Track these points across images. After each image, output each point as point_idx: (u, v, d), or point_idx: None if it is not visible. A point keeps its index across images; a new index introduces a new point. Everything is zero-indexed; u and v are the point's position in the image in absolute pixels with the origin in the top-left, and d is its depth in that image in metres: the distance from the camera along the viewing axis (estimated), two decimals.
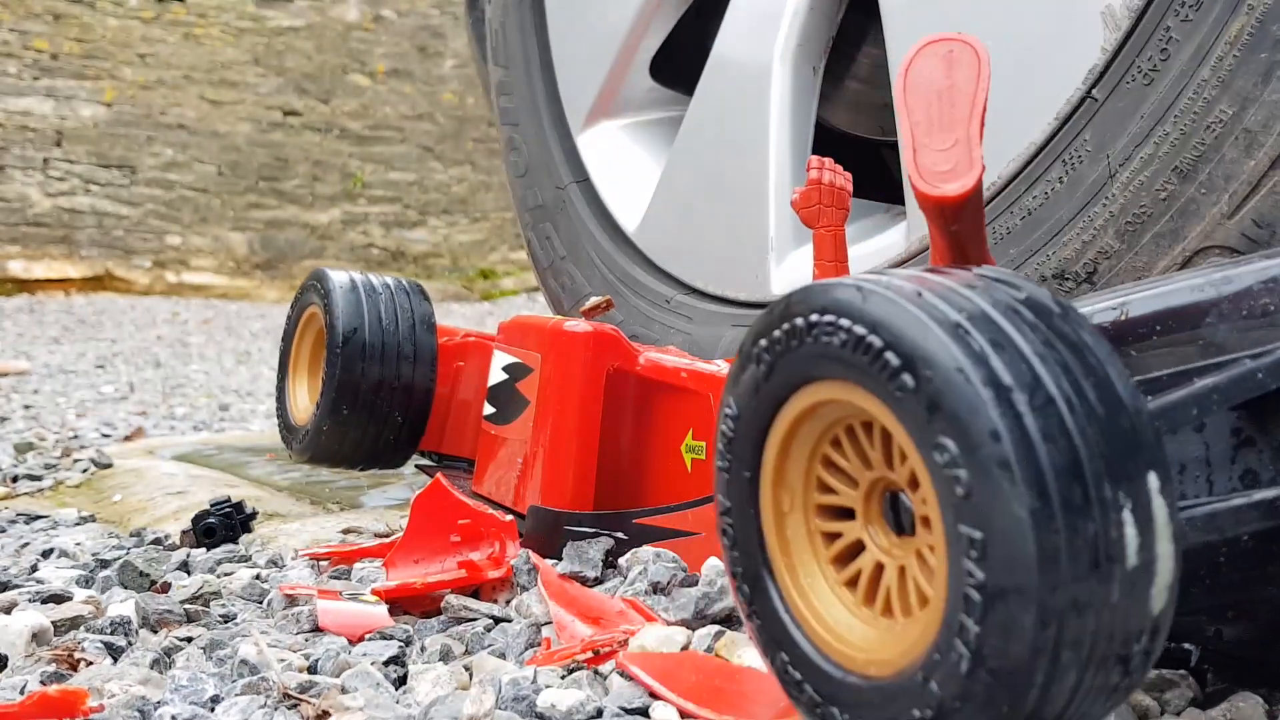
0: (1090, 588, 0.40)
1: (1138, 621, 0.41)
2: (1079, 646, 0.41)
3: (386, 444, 1.18)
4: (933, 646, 0.43)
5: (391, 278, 1.23)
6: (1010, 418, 0.40)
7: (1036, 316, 0.44)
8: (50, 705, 0.60)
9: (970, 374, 0.41)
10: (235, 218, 6.00)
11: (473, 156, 6.50)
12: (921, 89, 0.63)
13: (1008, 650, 0.40)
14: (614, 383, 0.96)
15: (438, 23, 6.45)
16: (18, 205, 5.58)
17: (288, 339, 1.28)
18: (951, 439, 0.41)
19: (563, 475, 0.94)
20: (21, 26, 5.68)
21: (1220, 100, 0.79)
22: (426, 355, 1.18)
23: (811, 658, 0.50)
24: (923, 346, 0.42)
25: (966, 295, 0.44)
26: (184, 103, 5.95)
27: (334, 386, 1.13)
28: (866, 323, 0.44)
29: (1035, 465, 0.40)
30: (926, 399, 0.42)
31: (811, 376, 0.48)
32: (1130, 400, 0.42)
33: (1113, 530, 0.40)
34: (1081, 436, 0.41)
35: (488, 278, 6.46)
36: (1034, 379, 0.41)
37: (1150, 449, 0.42)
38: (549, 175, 1.45)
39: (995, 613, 0.40)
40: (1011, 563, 0.40)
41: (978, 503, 0.40)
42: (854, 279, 0.47)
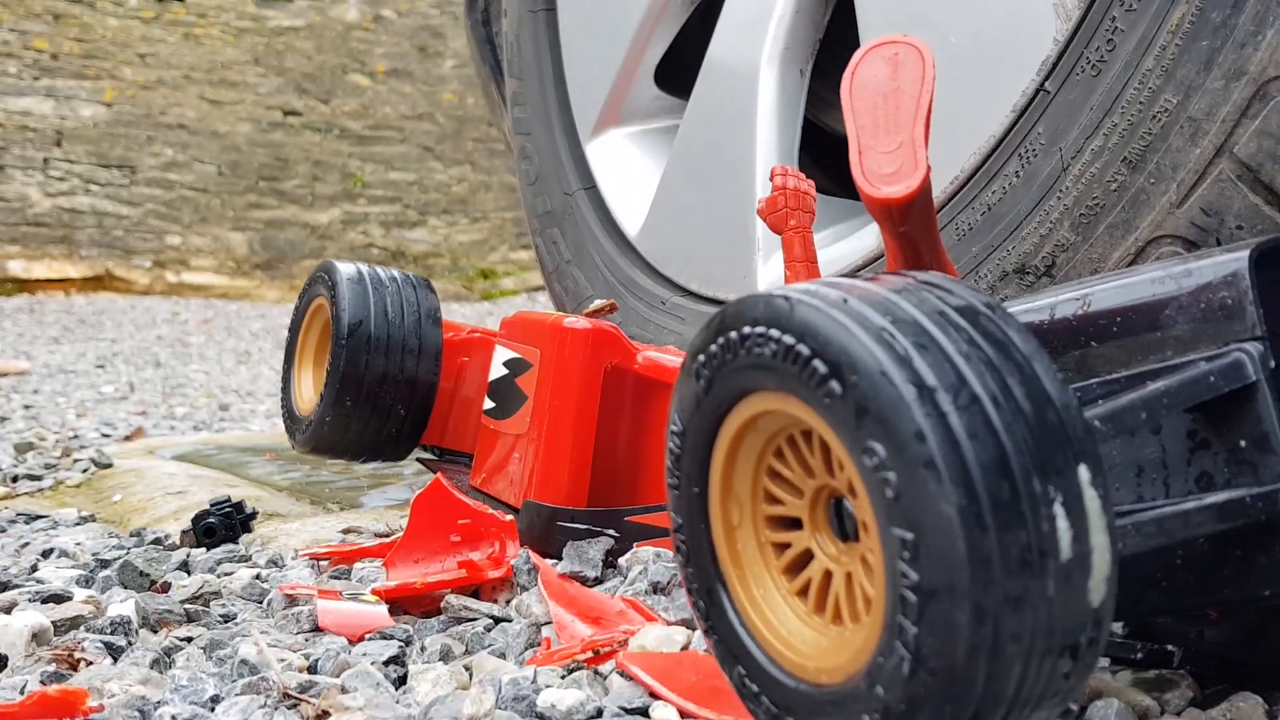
0: (1024, 583, 0.40)
1: (1078, 614, 0.41)
2: (1019, 641, 0.41)
3: (389, 437, 1.18)
4: (876, 651, 0.43)
5: (399, 271, 1.23)
6: (935, 417, 0.41)
7: (962, 317, 0.44)
8: (50, 705, 0.60)
9: (894, 376, 0.42)
10: (235, 218, 6.00)
11: (473, 156, 6.50)
12: (867, 91, 0.64)
13: (946, 650, 0.40)
14: (612, 380, 0.96)
15: (438, 23, 6.45)
16: (18, 205, 5.58)
17: (294, 330, 1.28)
18: (879, 442, 0.42)
19: (558, 471, 0.94)
20: (21, 26, 5.68)
21: (1165, 90, 0.79)
22: (431, 349, 1.18)
23: (767, 669, 0.50)
24: (847, 352, 0.43)
25: (893, 300, 0.45)
26: (184, 103, 5.95)
27: (338, 378, 1.14)
28: (794, 332, 0.45)
29: (961, 463, 0.40)
30: (854, 404, 0.42)
31: (749, 388, 0.48)
32: (1057, 395, 0.43)
33: (1044, 524, 0.40)
34: (1008, 433, 0.41)
35: (488, 278, 6.46)
36: (958, 378, 0.42)
37: (1079, 442, 0.42)
38: (558, 182, 1.47)
39: (930, 612, 0.40)
40: (943, 561, 0.40)
41: (907, 504, 0.41)
42: (782, 290, 0.47)
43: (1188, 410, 0.54)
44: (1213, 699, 0.62)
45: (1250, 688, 0.62)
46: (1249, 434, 0.52)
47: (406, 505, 1.16)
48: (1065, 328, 0.60)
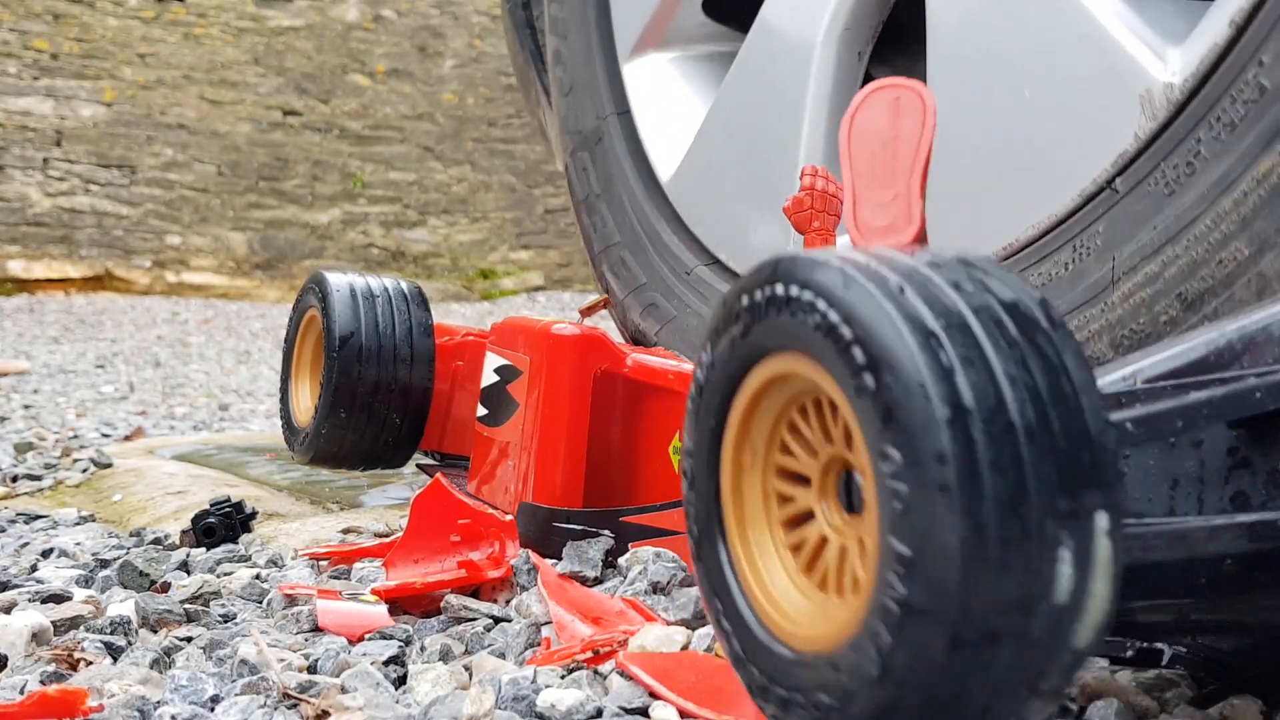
0: (1011, 621, 0.40)
1: (1059, 655, 0.41)
2: (990, 672, 0.40)
3: (385, 445, 1.19)
4: (850, 641, 0.43)
5: (391, 279, 1.23)
6: (961, 442, 0.39)
7: (1019, 330, 0.42)
8: (50, 705, 0.60)
9: (931, 391, 0.40)
10: (235, 217, 6.00)
11: (473, 156, 6.50)
12: (865, 138, 0.62)
13: (915, 668, 0.40)
14: (601, 384, 0.98)
15: (437, 23, 6.45)
16: (17, 205, 5.58)
17: (290, 341, 1.29)
18: (899, 451, 0.40)
19: (552, 473, 0.96)
20: (21, 26, 5.68)
21: (1238, 238, 0.72)
22: (424, 357, 1.19)
23: (743, 614, 0.50)
24: (890, 351, 0.41)
25: (950, 300, 0.43)
26: (184, 102, 5.95)
27: (331, 390, 1.15)
28: (841, 311, 0.43)
29: (977, 495, 0.39)
30: (883, 405, 0.41)
31: (785, 346, 0.47)
32: (1096, 434, 0.41)
33: (1046, 567, 0.40)
34: (1034, 469, 0.40)
35: (488, 278, 6.46)
36: (997, 403, 0.40)
37: (1106, 488, 0.41)
38: (592, 100, 1.33)
39: (908, 630, 0.40)
40: (933, 587, 0.39)
41: (912, 520, 0.40)
42: (844, 259, 0.45)
43: (1232, 425, 0.52)
44: (1210, 699, 0.62)
45: (1247, 689, 0.62)
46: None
47: (406, 505, 1.16)
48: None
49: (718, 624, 0.52)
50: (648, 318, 1.20)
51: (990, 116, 0.88)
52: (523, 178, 6.60)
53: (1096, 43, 0.80)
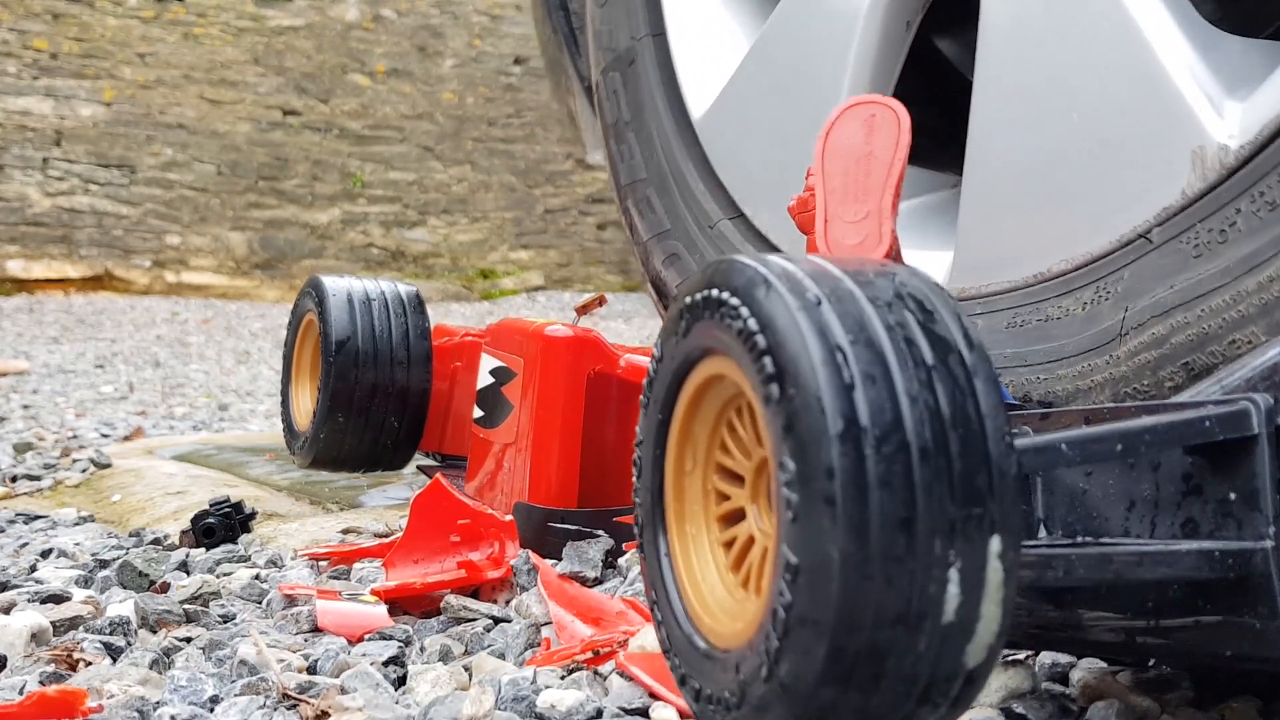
0: (893, 635, 0.40)
1: (947, 671, 0.42)
2: (874, 683, 0.41)
3: (384, 448, 1.20)
4: (749, 642, 0.45)
5: (388, 283, 1.24)
6: (851, 458, 0.40)
7: (932, 350, 0.43)
8: (49, 705, 0.60)
9: (827, 405, 0.41)
10: (235, 217, 5.99)
11: (472, 156, 6.49)
12: (840, 154, 0.62)
13: (798, 672, 0.41)
14: (595, 385, 0.98)
15: (437, 22, 6.45)
16: (17, 205, 5.58)
17: (289, 345, 1.29)
18: (794, 461, 0.41)
19: (547, 474, 0.97)
20: (21, 26, 5.68)
21: (1255, 322, 0.67)
22: (420, 360, 1.19)
23: (674, 605, 0.52)
24: (794, 364, 0.42)
25: (867, 315, 0.43)
26: (183, 102, 5.95)
27: (329, 394, 1.16)
28: (759, 319, 0.44)
29: (862, 510, 0.40)
30: (785, 415, 0.42)
31: (717, 349, 0.48)
32: (997, 458, 0.42)
33: (932, 586, 0.40)
34: (925, 489, 0.40)
35: (488, 277, 6.46)
36: (894, 422, 0.41)
37: (1003, 511, 0.41)
38: (627, 15, 1.20)
39: (792, 635, 0.41)
40: (814, 597, 0.40)
41: (799, 530, 0.41)
42: (770, 268, 0.46)
43: (1189, 452, 0.53)
44: (1209, 700, 0.62)
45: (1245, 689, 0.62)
46: (1240, 487, 0.51)
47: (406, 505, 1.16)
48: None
49: (653, 611, 0.53)
50: (670, 268, 1.11)
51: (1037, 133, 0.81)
52: (523, 177, 6.60)
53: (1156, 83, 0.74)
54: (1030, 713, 0.61)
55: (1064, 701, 0.62)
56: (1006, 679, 0.63)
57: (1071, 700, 0.63)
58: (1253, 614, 0.50)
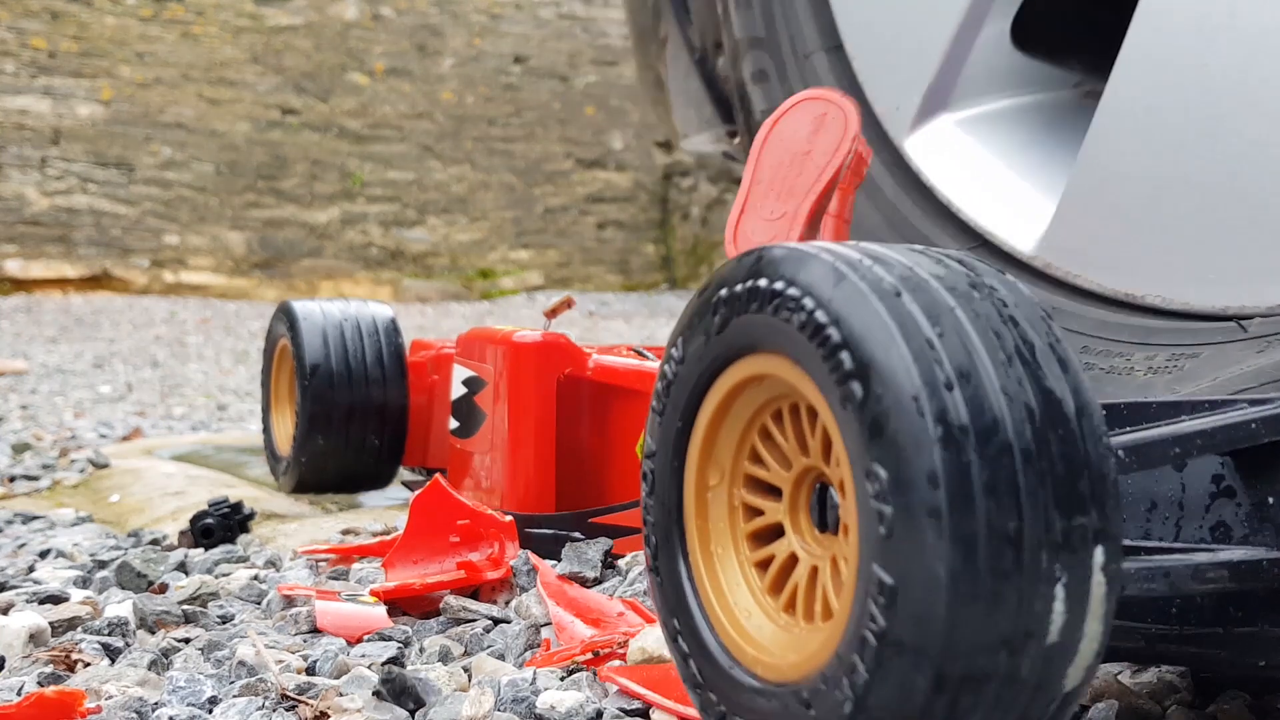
0: (999, 660, 0.36)
1: (1046, 697, 0.38)
2: (973, 713, 0.37)
3: (366, 466, 1.22)
4: (821, 673, 0.40)
5: (359, 303, 1.26)
6: (955, 464, 0.36)
7: (1022, 346, 0.39)
8: (48, 707, 0.60)
9: (925, 405, 0.36)
10: (233, 217, 5.99)
11: (472, 155, 6.49)
12: (779, 147, 0.58)
13: (895, 707, 0.37)
14: (566, 388, 0.99)
15: (437, 21, 6.44)
16: (15, 204, 5.57)
17: (266, 372, 1.31)
18: (886, 470, 0.37)
19: (523, 479, 0.98)
20: (19, 24, 5.67)
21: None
22: (396, 377, 1.21)
23: (702, 634, 0.46)
24: (882, 359, 0.38)
25: (948, 306, 0.39)
26: (182, 101, 5.94)
27: (307, 417, 1.18)
28: (830, 312, 0.40)
29: (969, 522, 0.36)
30: (871, 417, 0.38)
31: (764, 346, 0.43)
32: (1097, 462, 0.38)
33: (1039, 604, 0.36)
34: (1030, 497, 0.36)
35: (487, 277, 6.45)
36: (993, 423, 0.37)
37: (1105, 520, 0.37)
38: None
39: (889, 666, 0.37)
40: (918, 621, 0.36)
41: (897, 547, 0.36)
42: (835, 254, 0.41)
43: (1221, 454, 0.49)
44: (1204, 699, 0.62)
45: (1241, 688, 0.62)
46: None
47: (405, 505, 1.16)
48: None
49: (673, 643, 0.48)
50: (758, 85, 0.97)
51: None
52: (522, 177, 6.59)
53: None
54: None
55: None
56: None
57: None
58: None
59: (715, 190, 6.50)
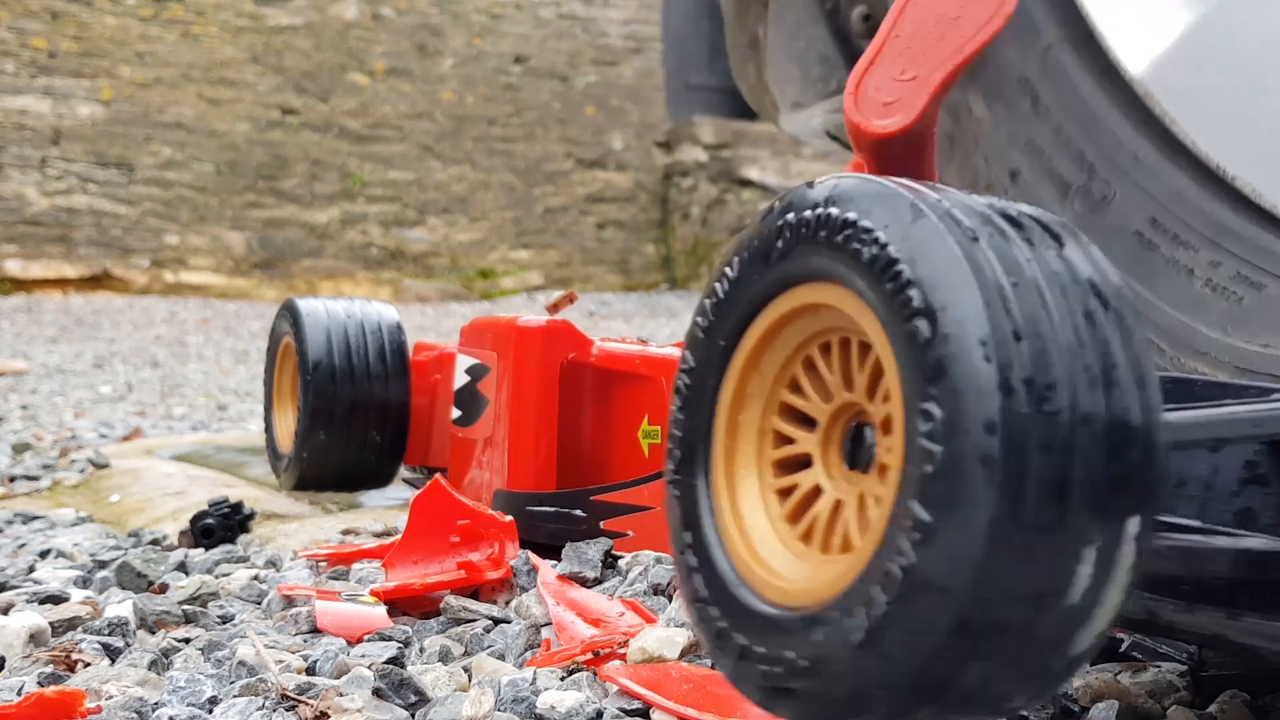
0: (1020, 613, 0.37)
1: (1056, 657, 0.38)
2: (985, 663, 0.37)
3: (368, 463, 1.22)
4: (836, 601, 0.39)
5: (362, 301, 1.27)
6: (1014, 414, 0.36)
7: (1091, 307, 0.38)
8: (48, 707, 0.60)
9: (992, 352, 0.36)
10: (233, 217, 5.99)
11: (472, 156, 6.49)
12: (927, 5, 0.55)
13: (910, 646, 0.37)
14: (569, 373, 1.00)
15: (437, 21, 6.45)
16: (15, 204, 5.57)
17: (269, 370, 1.32)
18: (943, 410, 0.37)
19: (525, 461, 0.98)
20: (19, 24, 5.67)
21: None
22: (398, 374, 1.22)
23: (712, 550, 0.46)
24: (954, 301, 0.37)
25: (1026, 257, 0.38)
26: (182, 101, 5.94)
27: (309, 414, 1.18)
28: (904, 249, 0.39)
29: (1021, 473, 0.36)
30: (935, 358, 0.37)
31: (827, 275, 0.43)
32: (1150, 432, 0.38)
33: (1069, 564, 0.37)
34: (1082, 456, 0.36)
35: (487, 277, 6.45)
36: (1055, 380, 0.36)
37: (1147, 490, 0.38)
38: None
39: (912, 603, 0.37)
40: (951, 564, 0.36)
41: (943, 488, 0.36)
42: (914, 191, 0.41)
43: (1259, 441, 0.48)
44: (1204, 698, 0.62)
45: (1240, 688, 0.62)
46: None
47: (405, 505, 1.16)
48: None
49: (680, 556, 0.47)
50: None
51: None
52: (522, 177, 6.59)
53: None
54: (1032, 713, 0.61)
55: (1066, 702, 0.62)
56: None
57: (1073, 700, 0.63)
58: None
59: (715, 190, 6.50)
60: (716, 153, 6.59)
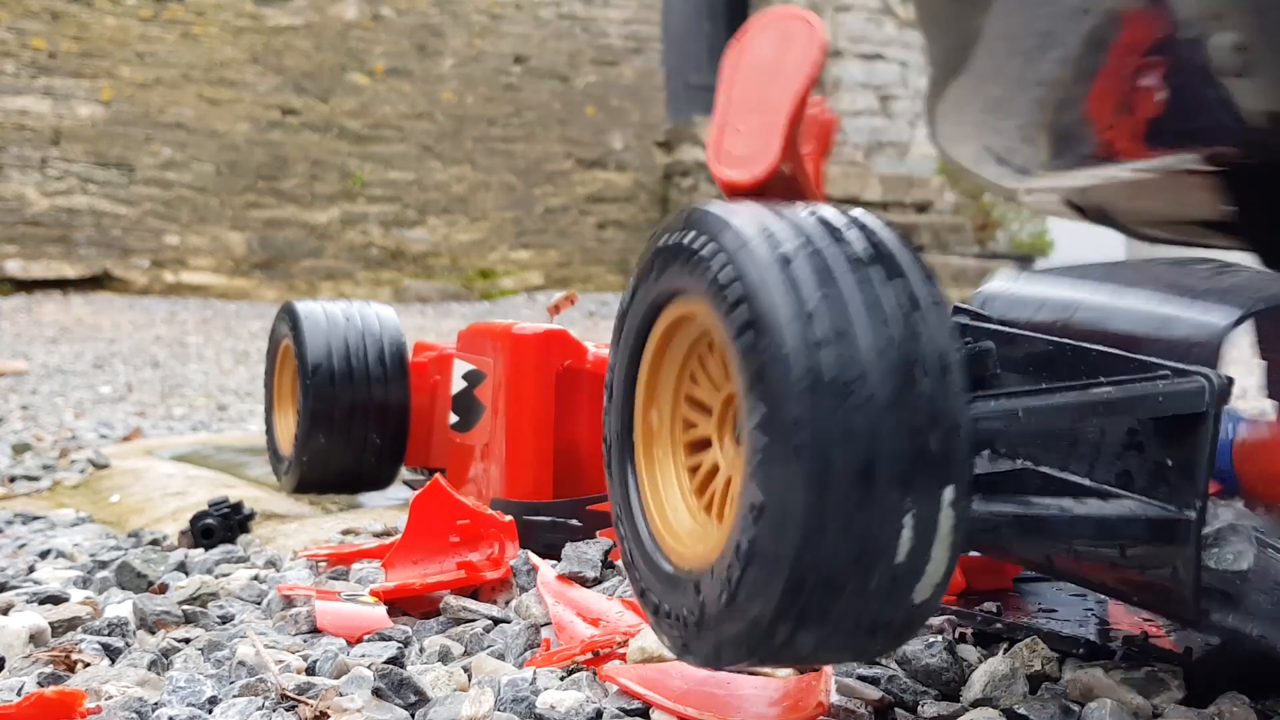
0: (847, 574, 0.43)
1: (896, 608, 0.45)
2: (826, 615, 0.44)
3: (368, 465, 1.23)
4: (711, 566, 0.47)
5: (361, 303, 1.27)
6: (820, 410, 0.43)
7: (898, 305, 0.45)
8: (47, 707, 0.60)
9: (798, 361, 0.43)
10: (234, 217, 5.99)
11: (472, 156, 6.49)
12: (750, 66, 0.64)
13: (755, 601, 0.44)
14: (566, 380, 1.00)
15: (437, 21, 6.44)
16: (15, 205, 5.57)
17: (269, 372, 1.32)
18: (765, 408, 0.44)
19: (522, 469, 0.98)
20: (19, 25, 5.67)
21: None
22: (397, 376, 1.22)
23: (638, 523, 0.54)
24: (769, 316, 0.44)
25: (839, 271, 0.45)
26: (182, 101, 5.94)
27: (308, 416, 1.18)
28: (734, 269, 0.46)
29: (826, 459, 0.42)
30: (757, 363, 0.44)
31: (691, 292, 0.50)
32: (952, 414, 0.44)
33: (888, 530, 0.43)
34: (889, 441, 0.43)
35: (487, 277, 6.45)
36: (861, 374, 0.43)
37: (956, 464, 0.44)
38: None
39: (751, 570, 0.44)
40: (776, 536, 0.43)
41: (766, 473, 0.43)
42: (750, 216, 0.48)
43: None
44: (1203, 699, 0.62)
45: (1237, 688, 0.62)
46: (1178, 457, 0.53)
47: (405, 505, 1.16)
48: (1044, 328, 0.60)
49: (617, 528, 0.56)
50: None
51: None
52: (522, 177, 6.59)
53: None
54: (1032, 713, 0.61)
55: (1064, 703, 0.62)
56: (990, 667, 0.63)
57: (1072, 700, 0.63)
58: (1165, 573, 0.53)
59: (715, 190, 6.50)
60: None
